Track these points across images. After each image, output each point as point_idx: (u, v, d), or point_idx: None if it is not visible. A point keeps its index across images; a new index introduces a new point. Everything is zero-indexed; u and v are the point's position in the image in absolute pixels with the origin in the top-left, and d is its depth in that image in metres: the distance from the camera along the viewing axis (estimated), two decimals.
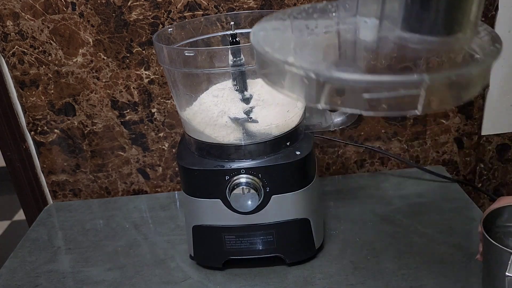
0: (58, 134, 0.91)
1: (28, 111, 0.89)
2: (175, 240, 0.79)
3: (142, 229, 0.83)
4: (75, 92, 0.88)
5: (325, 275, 0.67)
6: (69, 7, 0.81)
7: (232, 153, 0.64)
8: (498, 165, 0.94)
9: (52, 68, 0.86)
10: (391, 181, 0.89)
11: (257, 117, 0.64)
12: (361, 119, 0.89)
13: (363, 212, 0.81)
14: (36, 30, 0.83)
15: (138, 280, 0.70)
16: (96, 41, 0.83)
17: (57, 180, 0.96)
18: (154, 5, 0.81)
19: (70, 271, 0.74)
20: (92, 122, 0.90)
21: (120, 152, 0.93)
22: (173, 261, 0.74)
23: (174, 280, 0.69)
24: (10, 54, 0.85)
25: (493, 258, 0.55)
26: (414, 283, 0.64)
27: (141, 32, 0.83)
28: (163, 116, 0.89)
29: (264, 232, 0.66)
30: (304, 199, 0.66)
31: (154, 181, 0.96)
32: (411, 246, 0.71)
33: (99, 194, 0.97)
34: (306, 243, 0.69)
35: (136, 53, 0.84)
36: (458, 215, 0.77)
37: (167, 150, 0.93)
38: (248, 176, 0.63)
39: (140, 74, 0.86)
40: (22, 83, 0.87)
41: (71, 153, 0.93)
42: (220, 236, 0.67)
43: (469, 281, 0.63)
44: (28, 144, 0.93)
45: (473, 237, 0.72)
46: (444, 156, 0.94)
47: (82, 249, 0.79)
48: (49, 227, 0.87)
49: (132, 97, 0.88)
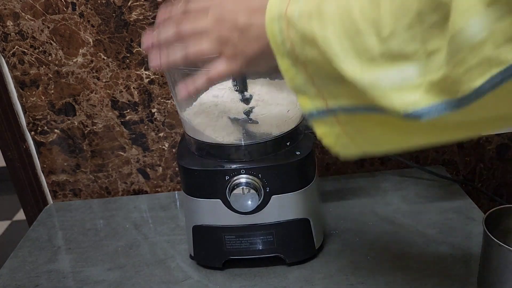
0: (58, 134, 0.91)
1: (28, 111, 0.89)
2: (175, 240, 0.79)
3: (142, 229, 0.83)
4: (75, 92, 0.88)
5: (325, 275, 0.67)
6: (69, 7, 0.81)
7: (232, 153, 0.64)
8: (498, 165, 0.94)
9: (52, 68, 0.86)
10: (391, 181, 0.89)
11: (257, 118, 0.64)
12: None
13: (363, 212, 0.81)
14: (36, 30, 0.83)
15: (138, 280, 0.70)
16: (96, 41, 0.83)
17: (57, 180, 0.96)
18: (154, 5, 0.81)
19: (70, 271, 0.74)
20: (92, 122, 0.90)
21: (120, 152, 0.93)
22: (173, 261, 0.74)
23: (174, 280, 0.69)
24: (10, 54, 0.85)
25: (495, 257, 0.55)
26: (414, 283, 0.64)
27: (141, 32, 0.83)
28: (163, 116, 0.90)
29: (264, 232, 0.66)
30: (304, 199, 0.66)
31: (154, 181, 0.96)
32: (411, 246, 0.71)
33: (99, 194, 0.97)
34: (306, 243, 0.69)
35: (136, 53, 0.84)
36: (458, 215, 0.77)
37: (167, 150, 0.93)
38: (248, 176, 0.63)
39: (140, 74, 0.86)
40: (22, 83, 0.87)
41: (71, 153, 0.93)
42: (220, 236, 0.67)
43: (469, 281, 0.63)
44: (28, 144, 0.93)
45: (473, 237, 0.72)
46: (444, 156, 0.94)
47: (82, 249, 0.79)
48: (49, 227, 0.87)
49: (132, 97, 0.88)
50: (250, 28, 0.42)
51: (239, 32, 0.43)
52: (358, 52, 0.35)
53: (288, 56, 0.39)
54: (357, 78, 0.35)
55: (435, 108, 0.32)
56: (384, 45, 0.33)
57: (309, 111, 0.41)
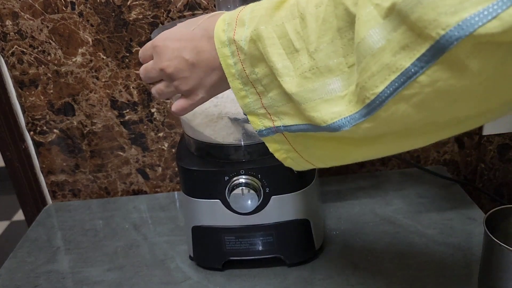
0: (58, 134, 0.91)
1: (27, 111, 0.89)
2: (175, 240, 0.78)
3: (141, 230, 0.82)
4: (75, 92, 0.87)
5: (325, 275, 0.67)
6: (69, 7, 0.81)
7: (232, 154, 0.64)
8: (499, 165, 0.94)
9: (52, 68, 0.85)
10: (392, 181, 0.89)
11: None
12: None
13: (363, 212, 0.80)
14: (35, 30, 0.82)
15: (137, 280, 0.70)
16: (96, 40, 0.83)
17: (57, 180, 0.95)
18: (154, 4, 0.80)
19: (70, 272, 0.74)
20: (91, 122, 0.90)
21: (119, 152, 0.92)
22: (172, 261, 0.73)
23: (174, 280, 0.69)
24: (9, 53, 0.84)
25: (495, 257, 0.55)
26: (414, 283, 0.64)
27: (141, 31, 0.82)
28: (163, 116, 0.89)
29: (264, 233, 0.66)
30: (304, 199, 0.66)
31: (153, 181, 0.95)
32: (411, 247, 0.71)
33: (98, 194, 0.96)
34: (306, 243, 0.69)
35: (136, 53, 0.84)
36: (458, 216, 0.77)
37: (167, 150, 0.92)
38: (248, 177, 0.62)
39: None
40: (21, 83, 0.87)
41: (70, 153, 0.93)
42: (220, 236, 0.67)
43: (469, 282, 0.63)
44: (27, 144, 0.92)
45: (473, 237, 0.71)
46: (445, 156, 0.93)
47: (81, 250, 0.79)
48: (49, 228, 0.87)
49: (132, 97, 0.88)
50: (199, 61, 0.45)
51: (190, 67, 0.45)
52: (295, 68, 0.38)
53: (239, 76, 0.42)
54: (293, 92, 0.38)
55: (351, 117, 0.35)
56: (312, 60, 0.37)
57: (259, 129, 0.44)
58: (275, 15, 0.39)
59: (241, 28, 0.41)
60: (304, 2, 0.37)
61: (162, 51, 0.47)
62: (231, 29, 0.41)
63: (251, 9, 0.42)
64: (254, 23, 0.40)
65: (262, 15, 0.40)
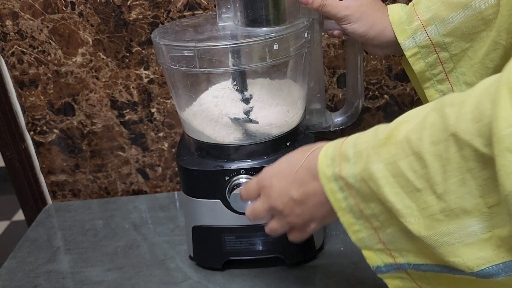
0: (58, 134, 0.91)
1: (27, 111, 0.89)
2: (175, 240, 0.78)
3: (141, 230, 0.82)
4: (75, 92, 0.87)
5: (325, 275, 0.67)
6: (69, 7, 0.81)
7: (232, 154, 0.64)
8: None
9: (52, 68, 0.85)
10: None
11: (257, 117, 0.63)
12: (361, 119, 0.89)
13: None
14: (35, 30, 0.82)
15: (137, 280, 0.70)
16: (96, 40, 0.83)
17: (57, 180, 0.95)
18: (154, 4, 0.80)
19: (70, 272, 0.74)
20: (91, 122, 0.90)
21: (119, 152, 0.92)
22: (172, 261, 0.73)
23: (174, 280, 0.69)
24: (9, 53, 0.84)
25: None
26: None
27: (141, 31, 0.82)
28: (163, 116, 0.89)
29: (264, 233, 0.65)
30: None
31: (153, 181, 0.95)
32: None
33: (98, 194, 0.96)
34: (306, 243, 0.68)
35: (136, 53, 0.84)
36: None
37: (167, 150, 0.92)
38: (248, 177, 0.62)
39: (140, 73, 0.86)
40: (21, 83, 0.87)
41: (70, 153, 0.93)
42: (220, 236, 0.67)
43: None
44: (27, 144, 0.92)
45: None
46: None
47: (81, 250, 0.79)
48: (49, 228, 0.87)
49: (132, 97, 0.88)
50: (308, 198, 0.45)
51: (299, 204, 0.46)
52: (419, 208, 0.35)
53: (351, 211, 0.41)
54: (423, 235, 0.35)
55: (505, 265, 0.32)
56: (443, 202, 0.34)
57: (376, 266, 0.41)
58: (382, 152, 0.37)
59: (346, 163, 0.40)
60: (416, 139, 0.35)
61: (271, 191, 0.48)
62: (336, 165, 0.40)
63: (353, 143, 0.40)
64: (362, 161, 0.38)
65: (369, 153, 0.38)
